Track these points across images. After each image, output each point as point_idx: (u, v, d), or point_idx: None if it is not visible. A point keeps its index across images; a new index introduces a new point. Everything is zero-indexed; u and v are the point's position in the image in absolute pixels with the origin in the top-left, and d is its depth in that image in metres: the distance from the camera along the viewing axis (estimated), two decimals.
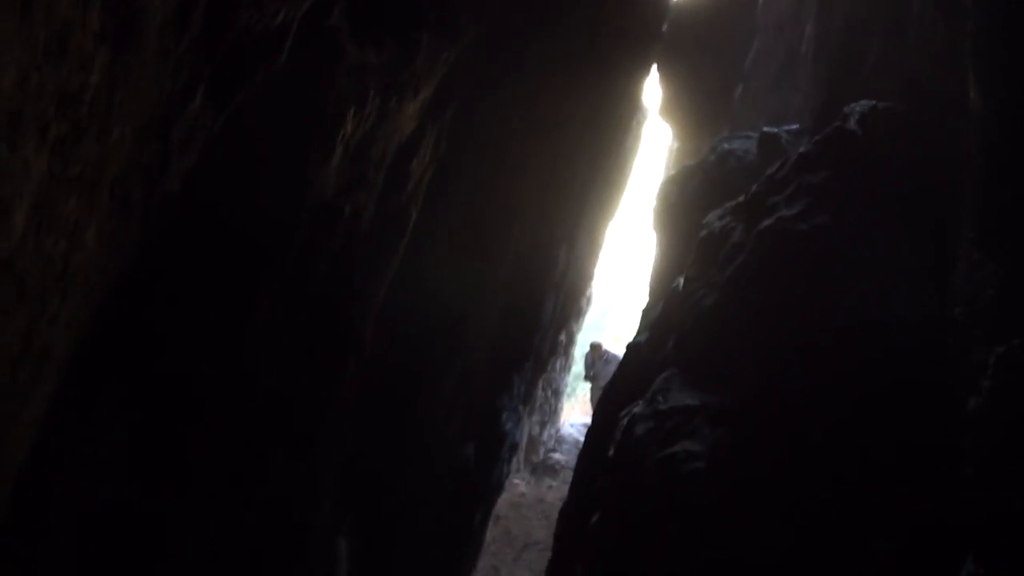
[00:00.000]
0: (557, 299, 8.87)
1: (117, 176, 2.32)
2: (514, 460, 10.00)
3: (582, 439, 15.52)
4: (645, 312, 8.48)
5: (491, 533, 11.05)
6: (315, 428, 4.31)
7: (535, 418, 13.47)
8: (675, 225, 8.43)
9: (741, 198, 6.09)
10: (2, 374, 1.87)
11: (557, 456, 15.31)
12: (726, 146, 8.66)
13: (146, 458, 2.93)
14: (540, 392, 12.50)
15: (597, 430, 7.84)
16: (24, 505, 2.39)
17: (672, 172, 9.01)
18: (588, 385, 15.68)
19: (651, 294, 8.77)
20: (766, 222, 5.36)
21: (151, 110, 2.39)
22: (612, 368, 14.51)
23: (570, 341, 14.32)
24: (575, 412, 17.39)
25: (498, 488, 9.25)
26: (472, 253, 6.16)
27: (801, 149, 5.71)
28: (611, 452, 5.95)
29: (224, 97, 2.84)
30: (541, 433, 15.01)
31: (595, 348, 14.92)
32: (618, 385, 7.69)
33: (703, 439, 4.91)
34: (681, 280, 7.17)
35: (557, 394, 15.55)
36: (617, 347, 14.48)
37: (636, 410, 5.37)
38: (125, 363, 2.67)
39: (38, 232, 1.92)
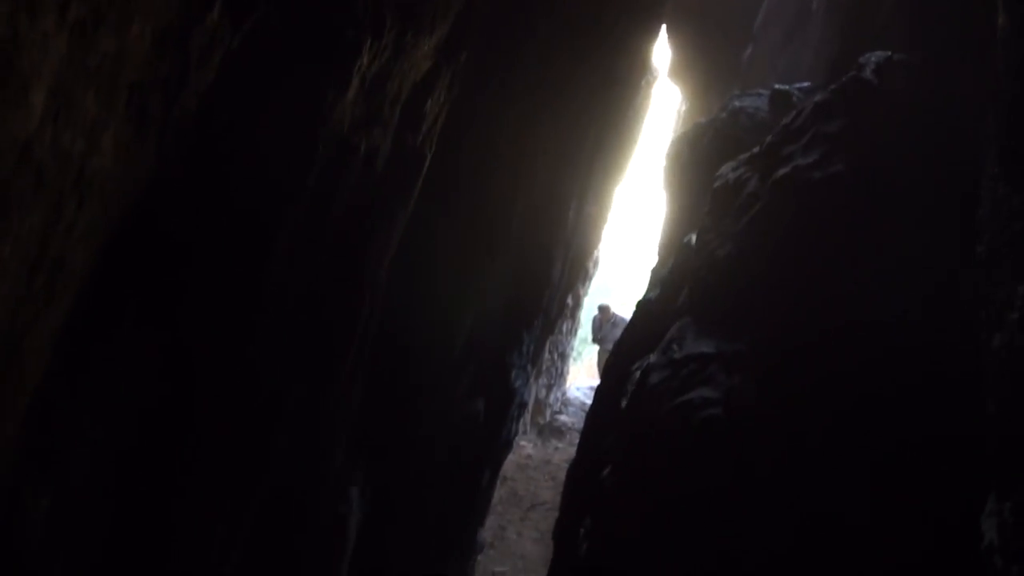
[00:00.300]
0: (566, 258, 8.78)
1: (135, 82, 2.24)
2: (522, 420, 9.94)
3: (588, 402, 15.52)
4: (654, 271, 8.42)
5: (498, 494, 11.05)
6: (330, 372, 4.23)
7: (542, 381, 13.44)
8: (686, 182, 8.34)
9: (756, 149, 6.01)
10: (17, 277, 1.79)
11: (563, 418, 15.30)
12: (737, 103, 8.57)
13: (165, 383, 2.85)
14: (547, 355, 12.45)
15: (607, 388, 7.79)
16: (38, 425, 2.31)
17: (683, 130, 8.89)
18: (594, 349, 15.65)
19: (661, 252, 8.70)
20: (782, 171, 5.30)
21: (170, 15, 2.31)
22: (619, 331, 14.48)
23: (576, 304, 14.25)
24: (581, 376, 17.35)
25: (507, 446, 9.20)
26: (484, 206, 6.06)
27: (817, 98, 5.60)
28: (624, 403, 5.89)
29: (242, 11, 2.75)
30: (547, 396, 14.99)
31: (603, 310, 14.87)
32: (628, 342, 7.64)
33: (719, 386, 4.86)
34: (693, 235, 7.10)
35: (563, 357, 15.51)
36: (624, 311, 14.44)
37: (651, 359, 5.31)
38: (144, 284, 2.58)
39: (55, 121, 1.84)
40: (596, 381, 15.56)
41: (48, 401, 2.27)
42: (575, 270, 10.56)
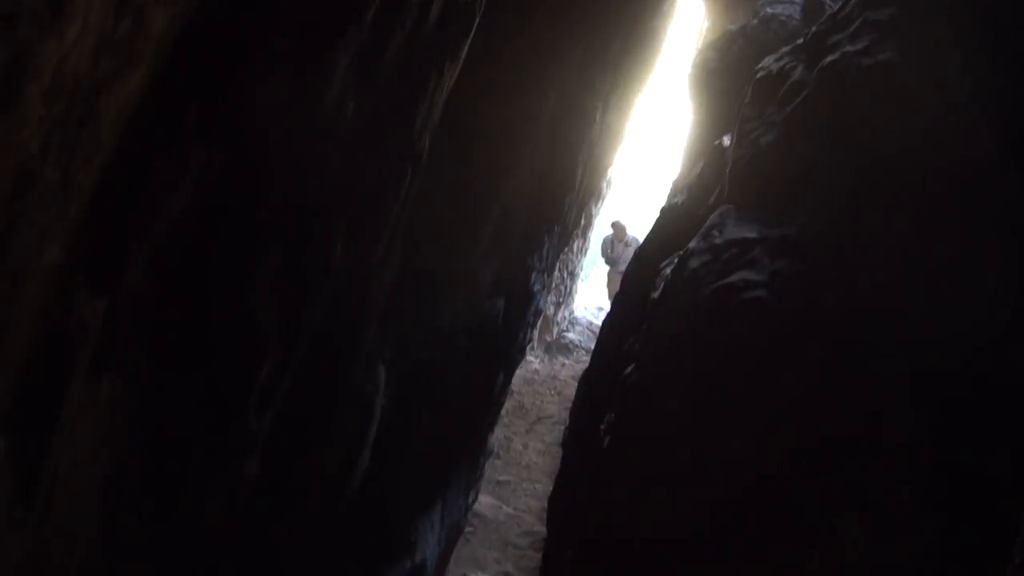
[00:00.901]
0: (587, 164, 8.60)
1: None
2: (535, 330, 9.84)
3: (595, 322, 15.50)
4: (676, 181, 8.27)
5: (505, 406, 11.00)
6: (374, 229, 4.07)
7: (550, 299, 13.31)
8: (714, 89, 8.18)
9: (799, 40, 5.84)
10: (103, 9, 1.61)
11: (571, 336, 15.25)
12: (769, 10, 8.38)
13: (219, 203, 2.68)
14: (556, 273, 12.31)
15: (627, 294, 7.68)
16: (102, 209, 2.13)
17: (711, 39, 8.67)
18: (603, 271, 15.45)
19: (686, 160, 8.55)
20: (829, 58, 5.13)
21: None
22: (631, 252, 14.35)
23: (588, 224, 14.06)
24: (588, 297, 17.21)
25: (521, 353, 9.11)
26: (515, 98, 5.86)
27: None
28: (655, 295, 5.76)
29: None
30: (556, 314, 14.90)
31: (617, 228, 14.57)
32: (652, 247, 7.51)
33: (762, 269, 4.73)
34: (725, 138, 6.94)
35: (573, 276, 15.38)
36: (637, 233, 14.30)
37: (690, 245, 5.17)
38: (204, 87, 2.40)
39: None
40: (604, 302, 15.49)
41: (116, 183, 2.11)
42: (591, 185, 10.37)
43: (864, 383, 4.10)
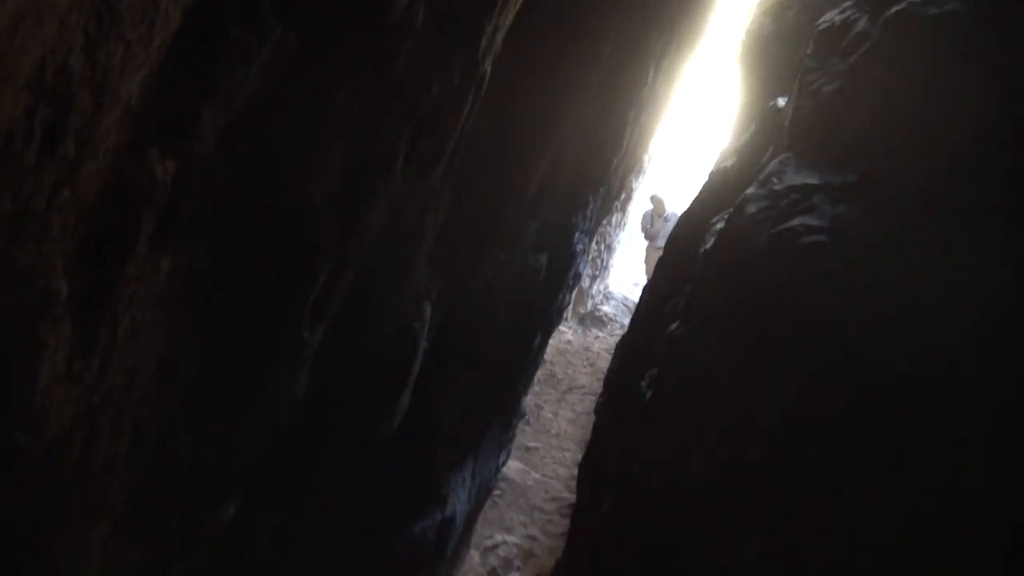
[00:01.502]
0: (635, 128, 8.46)
1: None
2: (573, 295, 9.72)
3: (630, 297, 15.36)
4: (724, 148, 8.14)
5: (536, 375, 10.94)
6: (431, 157, 4.00)
7: (587, 271, 13.18)
8: (767, 55, 8.02)
9: None
10: None
11: (606, 309, 15.12)
12: None
13: (288, 87, 2.60)
14: (593, 245, 12.18)
15: (672, 256, 7.57)
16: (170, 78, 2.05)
17: (765, 5, 8.50)
18: (641, 247, 15.26)
19: (736, 125, 8.40)
20: (894, 8, 5.00)
21: None
22: (669, 227, 14.20)
23: (628, 197, 13.87)
24: (624, 271, 17.04)
25: (559, 315, 9.01)
26: (572, 43, 5.74)
27: None
28: (705, 248, 5.66)
29: None
30: (591, 286, 14.76)
31: (656, 202, 14.40)
32: (699, 209, 7.39)
33: (823, 215, 4.61)
34: (780, 99, 6.82)
35: (609, 250, 15.21)
36: (676, 208, 14.14)
37: (748, 191, 5.04)
38: None
39: None
40: (640, 278, 15.35)
41: (193, 40, 2.02)
42: (635, 154, 10.23)
43: (926, 328, 3.97)
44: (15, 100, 1.58)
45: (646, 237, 14.80)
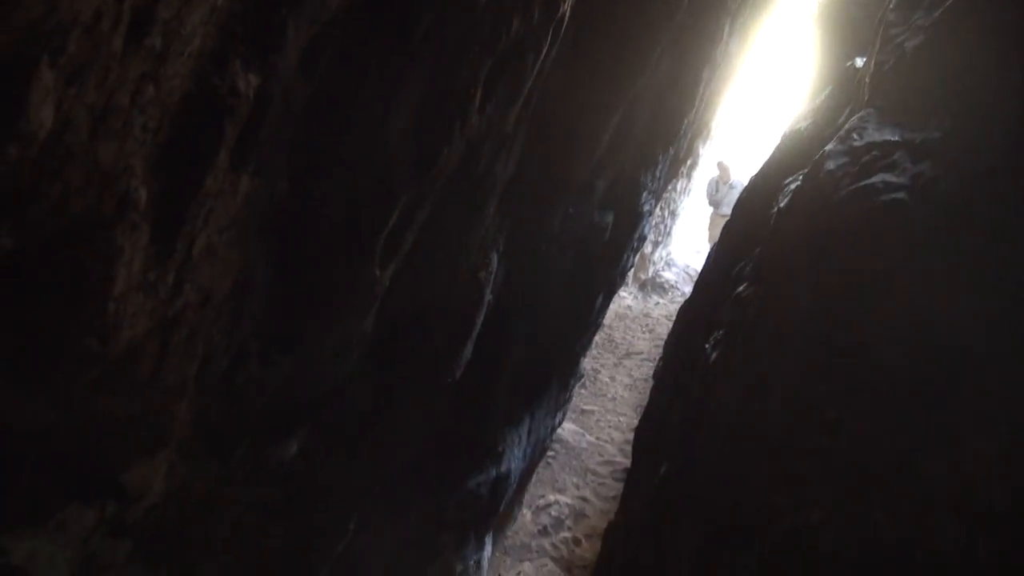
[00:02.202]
0: (708, 87, 8.27)
1: None
2: (635, 259, 9.59)
3: (692, 264, 15.18)
4: (799, 112, 7.94)
5: (595, 339, 10.85)
6: (509, 96, 3.92)
7: (650, 236, 13.01)
8: (845, 15, 7.81)
9: None
10: None
11: (667, 275, 14.96)
12: None
13: (369, 12, 2.52)
14: (657, 211, 11.99)
15: (741, 219, 7.42)
16: None
17: None
18: (706, 215, 15.03)
19: (811, 89, 8.18)
20: None
21: None
22: (736, 194, 13.98)
23: (694, 163, 13.64)
24: (687, 238, 16.79)
25: (622, 276, 8.90)
26: (641, 5, 5.59)
27: None
28: (780, 206, 5.51)
29: None
30: (653, 252, 14.59)
31: (723, 168, 14.17)
32: (772, 169, 7.22)
33: (904, 172, 4.44)
34: (858, 59, 6.63)
35: (673, 216, 14.99)
36: (742, 176, 13.90)
37: (827, 148, 4.88)
38: None
39: None
40: (703, 246, 15.11)
41: None
42: (705, 117, 10.03)
43: (1004, 289, 3.80)
44: None
45: (711, 203, 14.57)
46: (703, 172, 15.08)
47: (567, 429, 10.10)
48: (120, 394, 2.43)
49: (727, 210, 14.19)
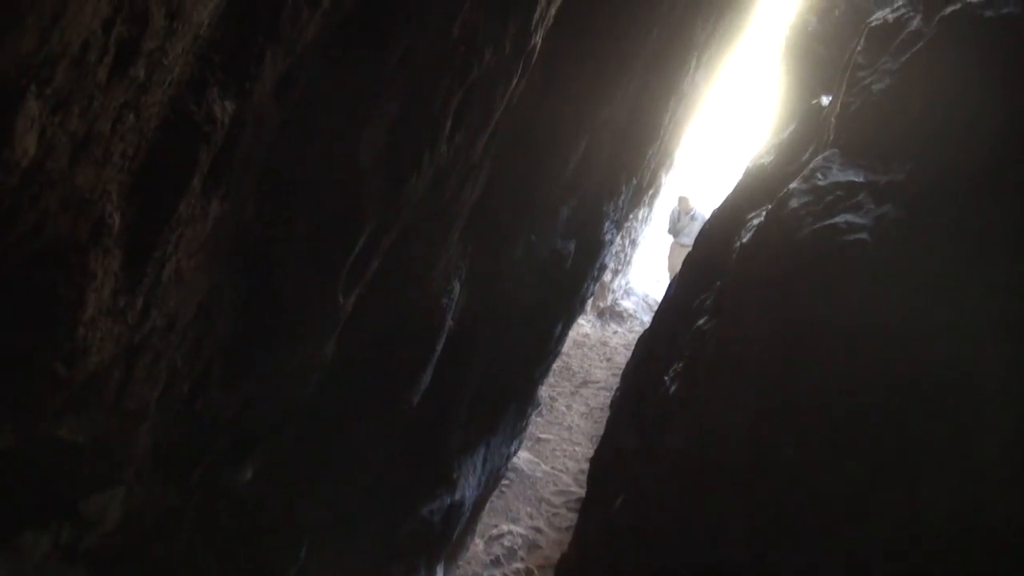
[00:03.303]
0: (672, 118, 8.42)
1: None
2: (595, 288, 9.67)
3: (651, 294, 15.31)
4: (762, 146, 8.09)
5: (552, 366, 10.91)
6: (478, 125, 3.98)
7: (610, 264, 13.12)
8: (811, 53, 7.99)
9: None
10: None
11: (626, 304, 15.06)
12: None
13: (344, 40, 2.58)
14: (617, 239, 12.13)
15: (702, 252, 7.53)
16: None
17: (811, 3, 8.46)
18: (665, 245, 15.18)
19: (775, 124, 8.35)
20: (950, 8, 4.96)
21: None
22: (697, 226, 14.15)
23: (656, 192, 13.80)
24: (646, 268, 16.92)
25: (582, 304, 8.99)
26: (615, 30, 5.71)
27: None
28: (743, 241, 5.63)
29: None
30: (612, 281, 14.69)
31: (683, 200, 14.38)
32: (735, 203, 7.34)
33: (867, 213, 4.57)
34: (824, 98, 6.79)
35: (633, 244, 15.12)
36: (703, 207, 14.08)
37: (791, 186, 5.01)
38: None
39: None
40: (663, 275, 15.27)
41: None
42: (669, 147, 10.19)
43: (967, 331, 3.93)
44: (95, 9, 1.56)
45: (671, 233, 14.74)
46: (665, 201, 15.27)
47: (522, 458, 10.14)
48: (82, 419, 2.44)
49: (688, 240, 14.36)
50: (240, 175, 2.62)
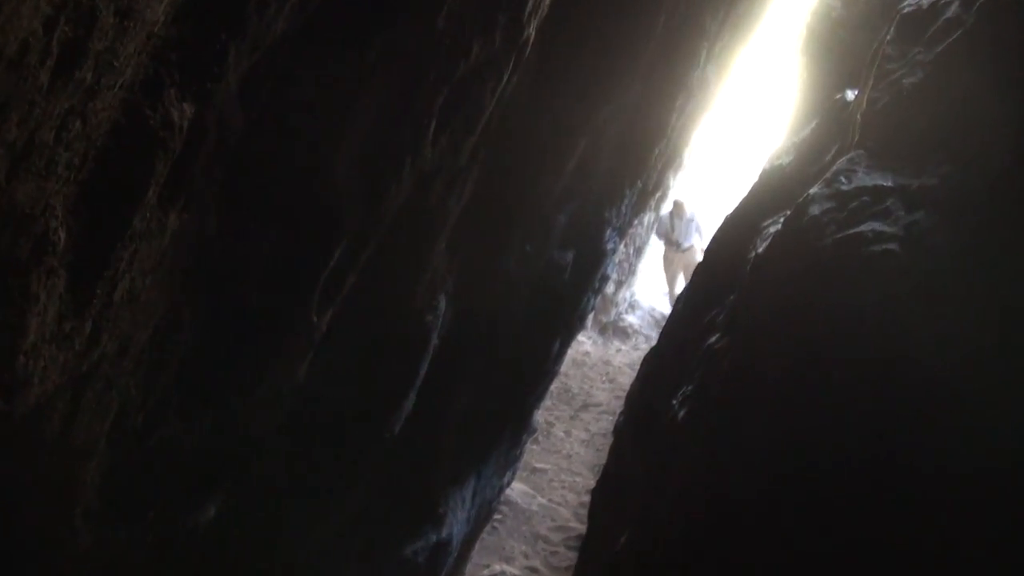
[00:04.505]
0: (681, 116, 8.43)
1: None
2: (596, 302, 9.67)
3: (659, 308, 15.29)
4: (779, 146, 8.10)
5: (550, 388, 10.90)
6: (465, 127, 3.99)
7: (613, 275, 13.10)
8: (835, 44, 7.98)
9: None
10: None
11: (630, 319, 15.06)
12: None
13: (317, 38, 2.58)
14: (621, 248, 12.12)
15: (713, 263, 7.52)
16: None
17: None
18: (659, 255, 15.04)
19: (793, 122, 8.36)
20: None
21: None
22: (692, 226, 14.14)
23: (663, 196, 13.78)
24: (653, 279, 16.86)
25: (581, 320, 8.99)
26: (618, 21, 5.72)
27: None
28: (758, 251, 5.63)
29: None
30: (615, 293, 14.69)
31: (678, 206, 14.16)
32: (749, 209, 7.34)
33: (896, 221, 4.55)
34: (848, 91, 6.79)
35: (638, 253, 15.09)
36: (704, 213, 14.11)
37: (811, 191, 5.00)
38: None
39: None
40: (666, 285, 15.25)
41: None
42: (677, 146, 10.20)
43: (1007, 351, 3.91)
44: (34, 7, 1.54)
45: (666, 242, 14.61)
46: (670, 207, 15.22)
47: (516, 490, 10.10)
48: (23, 456, 2.42)
49: (685, 244, 14.36)
50: (201, 184, 2.60)
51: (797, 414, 4.21)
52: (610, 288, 13.94)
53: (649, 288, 16.51)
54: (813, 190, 5.01)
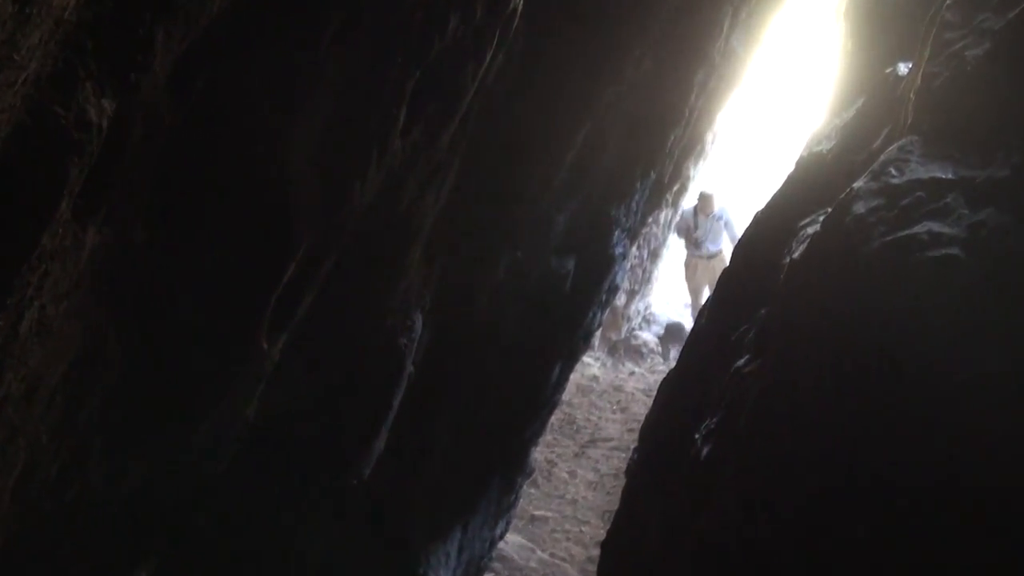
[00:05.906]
0: (701, 95, 8.45)
1: None
2: (603, 317, 9.67)
3: (679, 320, 15.26)
4: (819, 129, 8.14)
5: (551, 420, 10.90)
6: (441, 115, 4.01)
7: (624, 284, 13.05)
8: (885, 7, 8.03)
9: None
10: None
11: (645, 336, 15.04)
12: None
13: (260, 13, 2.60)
14: (634, 250, 12.10)
15: (741, 270, 7.54)
16: None
17: None
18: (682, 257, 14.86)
19: (835, 101, 8.40)
20: None
21: None
22: (720, 227, 14.01)
23: (683, 188, 13.68)
24: (672, 287, 16.73)
25: (586, 340, 9.00)
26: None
27: None
28: (793, 256, 5.64)
29: None
30: (627, 305, 14.66)
31: (704, 199, 13.81)
32: (783, 205, 7.36)
33: (958, 220, 4.56)
34: (901, 65, 6.80)
35: (654, 257, 15.01)
36: (734, 211, 14.06)
37: (855, 186, 5.02)
38: None
39: None
40: (687, 295, 15.19)
41: None
42: (698, 131, 10.23)
43: None
44: None
45: (686, 244, 14.39)
46: (694, 199, 15.01)
47: (512, 542, 10.10)
48: None
49: (712, 248, 14.16)
50: (126, 192, 2.61)
51: (840, 451, 4.21)
52: (620, 300, 13.88)
53: (668, 298, 16.47)
54: (858, 184, 5.03)
